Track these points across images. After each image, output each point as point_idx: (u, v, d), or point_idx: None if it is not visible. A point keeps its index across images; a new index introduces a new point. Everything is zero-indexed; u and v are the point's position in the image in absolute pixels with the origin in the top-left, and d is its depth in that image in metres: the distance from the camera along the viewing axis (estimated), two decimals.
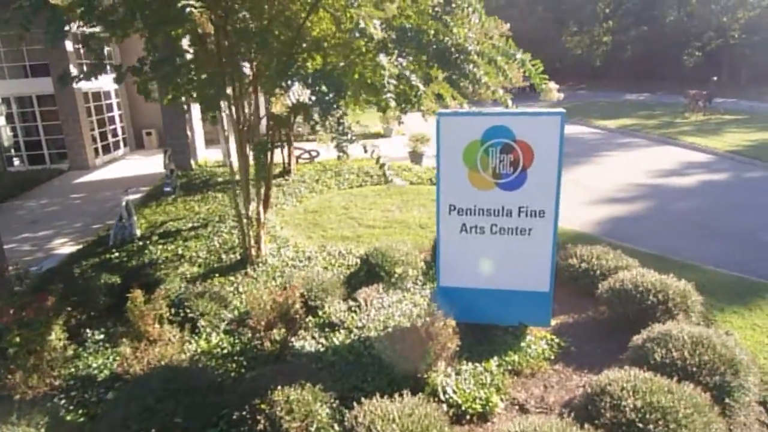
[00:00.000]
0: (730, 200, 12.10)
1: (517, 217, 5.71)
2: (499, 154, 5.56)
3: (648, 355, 5.02)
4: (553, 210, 5.62)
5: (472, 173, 5.69)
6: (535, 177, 5.56)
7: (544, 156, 5.48)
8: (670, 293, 5.97)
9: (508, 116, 5.56)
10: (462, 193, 5.77)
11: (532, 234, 5.73)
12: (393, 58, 5.49)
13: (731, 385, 4.66)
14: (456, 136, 5.63)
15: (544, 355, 5.83)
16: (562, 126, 5.36)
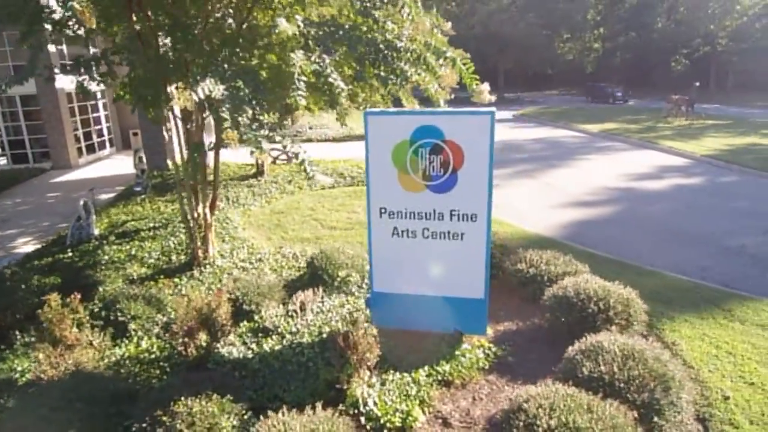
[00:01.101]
0: (702, 204, 11.63)
1: (448, 220, 5.27)
2: (429, 155, 5.13)
3: (576, 369, 4.58)
4: (485, 214, 5.18)
5: (401, 175, 5.25)
6: (467, 179, 5.12)
7: (475, 157, 5.04)
8: (612, 301, 5.51)
9: (436, 115, 5.13)
10: (392, 196, 5.34)
11: (464, 239, 5.29)
12: (315, 55, 5.05)
13: (660, 403, 4.21)
14: (385, 136, 5.20)
15: (478, 365, 5.39)
16: (492, 125, 4.92)
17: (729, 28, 39.31)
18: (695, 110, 24.39)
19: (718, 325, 6.20)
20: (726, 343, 5.83)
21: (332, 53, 5.21)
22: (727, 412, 4.72)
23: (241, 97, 4.60)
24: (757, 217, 10.63)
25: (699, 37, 40.33)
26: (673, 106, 24.28)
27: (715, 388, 5.04)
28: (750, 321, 6.29)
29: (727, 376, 5.23)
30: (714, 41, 40.13)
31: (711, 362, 5.47)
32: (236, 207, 10.94)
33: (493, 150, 5.03)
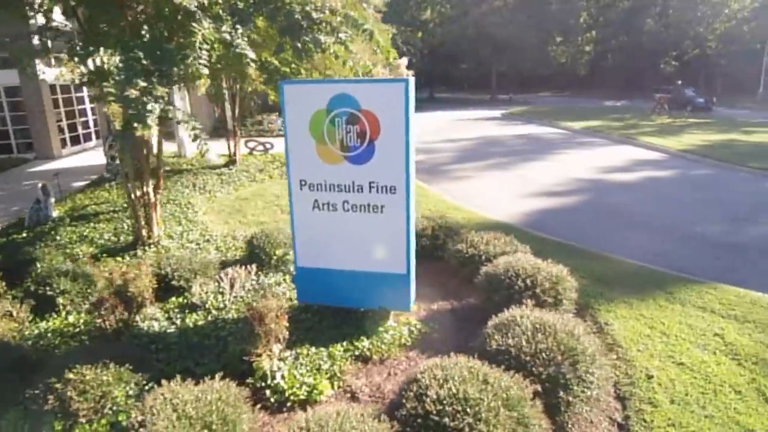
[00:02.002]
0: (668, 195, 11.27)
1: (368, 192, 4.96)
2: (345, 124, 4.82)
3: (486, 343, 4.26)
4: (404, 186, 4.87)
5: (319, 146, 4.95)
6: (384, 150, 4.81)
7: (391, 127, 4.73)
8: (540, 278, 5.18)
9: (351, 84, 4.84)
10: (312, 168, 5.04)
11: (384, 211, 4.98)
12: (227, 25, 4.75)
13: (567, 377, 3.87)
14: (301, 106, 4.90)
15: (401, 341, 5.09)
16: (407, 94, 4.61)
17: (718, 31, 38.75)
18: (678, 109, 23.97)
19: (658, 307, 5.86)
20: (662, 323, 5.50)
21: (248, 23, 4.91)
22: (648, 391, 4.40)
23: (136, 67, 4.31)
24: (722, 206, 10.27)
25: (688, 39, 39.79)
26: (657, 104, 23.85)
27: (641, 367, 4.72)
28: (691, 303, 5.95)
29: (656, 356, 4.91)
30: (703, 44, 39.58)
31: (642, 342, 5.14)
32: (202, 194, 10.67)
33: (410, 119, 4.72)
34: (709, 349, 5.03)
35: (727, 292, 6.21)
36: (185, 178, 11.73)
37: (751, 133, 19.55)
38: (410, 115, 4.72)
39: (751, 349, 4.99)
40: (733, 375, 4.61)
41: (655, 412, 4.14)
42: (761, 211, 9.94)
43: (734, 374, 4.62)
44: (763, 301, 5.97)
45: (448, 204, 10.04)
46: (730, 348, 5.04)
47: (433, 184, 12.14)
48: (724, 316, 5.65)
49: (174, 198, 10.06)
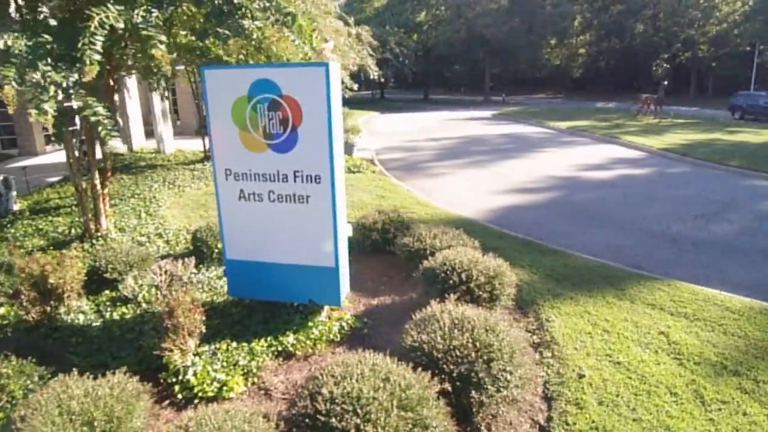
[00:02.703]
0: (640, 192, 10.89)
1: (293, 182, 4.63)
2: (267, 111, 4.49)
3: (403, 339, 3.93)
4: (329, 175, 4.53)
5: (242, 133, 4.62)
6: (307, 137, 4.48)
7: (313, 113, 4.40)
8: (474, 273, 4.83)
9: (272, 68, 4.51)
10: (236, 156, 4.71)
11: (310, 202, 4.65)
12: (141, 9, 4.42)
13: (479, 376, 3.53)
14: (223, 92, 4.58)
15: (329, 337, 4.76)
16: (328, 78, 4.27)
17: (709, 34, 38.20)
18: (664, 109, 23.49)
19: (605, 303, 5.51)
20: (606, 320, 5.15)
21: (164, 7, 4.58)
22: (577, 391, 4.05)
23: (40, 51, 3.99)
24: (694, 203, 9.89)
25: (679, 42, 39.26)
26: (642, 105, 23.41)
27: (574, 366, 4.37)
28: (641, 300, 5.60)
29: (593, 354, 4.56)
30: (695, 47, 39.04)
31: (580, 339, 4.79)
32: (171, 188, 10.34)
33: (332, 106, 4.38)
34: (651, 348, 4.68)
35: (681, 289, 5.86)
36: (158, 173, 11.43)
37: (735, 133, 19.12)
38: (334, 102, 4.40)
39: (696, 349, 4.64)
40: (671, 376, 4.26)
41: (580, 414, 3.80)
42: (730, 208, 9.57)
43: (673, 375, 4.27)
44: (717, 299, 5.61)
45: (415, 200, 9.70)
46: (673, 347, 4.69)
47: (406, 181, 11.79)
48: (673, 314, 5.30)
49: (140, 192, 9.75)
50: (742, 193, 10.79)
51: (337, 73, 4.48)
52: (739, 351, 4.63)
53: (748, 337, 4.85)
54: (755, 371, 4.30)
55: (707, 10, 37.39)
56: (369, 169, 12.39)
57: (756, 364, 4.42)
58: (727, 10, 37.69)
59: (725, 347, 4.68)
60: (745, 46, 36.61)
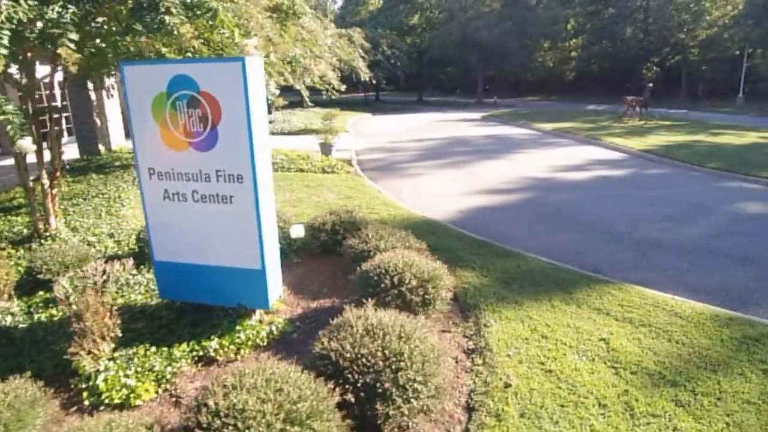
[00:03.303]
0: (614, 193, 10.60)
1: (215, 182, 4.37)
2: (187, 108, 4.23)
3: (315, 346, 3.66)
4: (250, 174, 4.26)
5: (163, 131, 4.36)
6: (227, 136, 4.22)
7: (232, 111, 4.14)
8: (407, 276, 4.56)
9: (189, 64, 4.27)
10: (158, 155, 4.46)
11: (234, 202, 4.39)
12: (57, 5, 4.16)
13: (385, 387, 3.26)
14: (143, 88, 4.32)
15: (255, 342, 4.50)
16: (245, 74, 4.00)
17: (699, 38, 37.82)
18: (649, 111, 23.15)
19: (550, 308, 5.23)
20: (547, 326, 4.87)
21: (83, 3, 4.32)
22: (500, 401, 3.78)
23: None
24: (665, 205, 9.60)
25: (669, 46, 38.87)
26: (628, 107, 23.09)
27: (502, 374, 4.09)
28: (588, 304, 5.32)
29: (525, 362, 4.28)
30: (685, 51, 38.66)
31: (516, 345, 4.51)
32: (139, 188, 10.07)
33: (252, 103, 4.12)
34: (588, 355, 4.41)
35: (632, 293, 5.58)
36: (129, 172, 11.16)
37: (718, 135, 18.80)
38: (255, 98, 4.13)
39: (635, 357, 4.36)
40: (604, 386, 3.98)
41: (498, 426, 3.52)
42: (701, 210, 9.28)
43: (606, 385, 3.99)
44: (668, 304, 5.33)
45: (382, 200, 9.43)
46: (612, 355, 4.41)
47: (379, 181, 11.52)
48: (618, 319, 5.02)
49: (106, 192, 9.49)
50: (715, 195, 10.50)
51: (259, 68, 4.22)
52: (681, 360, 4.35)
53: (693, 345, 4.57)
54: (694, 382, 4.02)
55: (697, 14, 37.01)
56: (343, 169, 12.12)
57: (696, 374, 4.14)
58: (717, 14, 37.32)
59: (666, 355, 4.40)
60: (734, 50, 36.25)
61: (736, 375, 4.13)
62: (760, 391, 3.92)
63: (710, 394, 3.88)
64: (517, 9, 36.53)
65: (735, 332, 4.79)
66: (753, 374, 4.14)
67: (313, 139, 14.61)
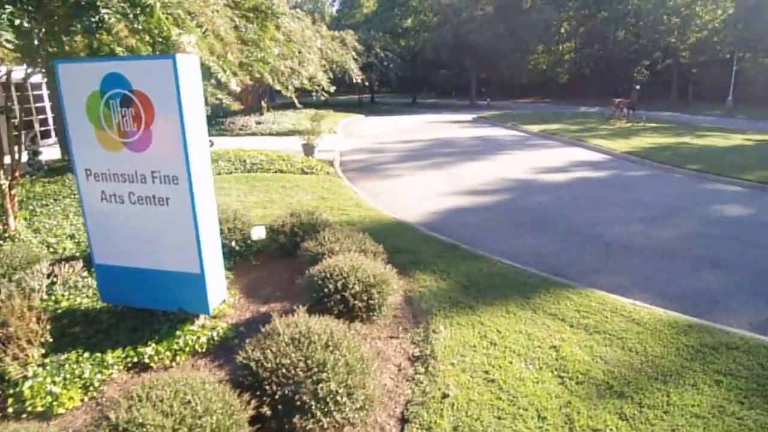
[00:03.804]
0: (591, 195, 10.38)
1: (151, 183, 4.17)
2: (120, 107, 4.03)
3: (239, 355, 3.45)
4: (186, 175, 4.05)
5: (98, 131, 4.16)
6: (161, 135, 4.02)
7: (165, 110, 3.94)
8: (351, 281, 4.35)
9: (121, 62, 4.06)
10: (94, 156, 4.26)
11: (170, 204, 4.18)
12: None
13: (303, 399, 3.05)
14: (77, 87, 4.12)
15: (194, 348, 4.28)
16: (177, 72, 3.79)
17: (690, 41, 37.56)
18: (636, 113, 22.92)
19: (504, 313, 5.01)
20: (498, 332, 4.65)
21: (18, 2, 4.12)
22: (435, 413, 3.56)
23: None
24: (642, 207, 9.38)
25: (659, 50, 38.62)
26: (615, 109, 22.86)
27: (442, 384, 3.87)
28: (544, 310, 5.11)
29: (469, 371, 4.07)
30: (676, 54, 38.40)
31: (461, 353, 4.30)
32: None
33: (185, 101, 3.92)
34: (535, 363, 4.19)
35: (592, 298, 5.36)
36: None
37: (703, 137, 18.56)
38: (189, 97, 3.93)
39: (584, 366, 4.14)
40: (546, 397, 3.76)
41: None
42: (677, 212, 9.06)
43: (549, 395, 3.77)
44: (626, 309, 5.11)
45: (356, 201, 9.21)
46: (560, 363, 4.19)
47: (358, 182, 11.31)
48: (573, 326, 4.80)
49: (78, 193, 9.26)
50: (694, 197, 10.29)
51: (194, 67, 4.01)
52: (632, 369, 4.13)
53: (647, 354, 4.36)
54: (642, 393, 3.80)
55: (687, 18, 36.73)
56: (323, 170, 11.91)
57: (646, 385, 3.92)
58: (707, 18, 37.04)
59: (617, 364, 4.18)
60: (724, 53, 35.98)
61: (687, 386, 3.91)
62: (711, 404, 3.70)
63: (657, 406, 3.67)
64: (509, 13, 36.28)
65: (692, 340, 4.57)
66: (706, 385, 3.92)
67: (298, 140, 14.40)
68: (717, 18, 36.87)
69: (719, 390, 3.87)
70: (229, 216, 6.19)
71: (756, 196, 10.55)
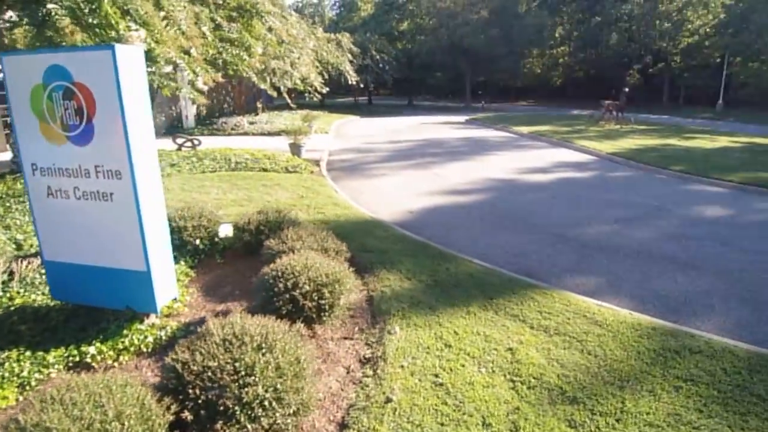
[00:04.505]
0: (572, 195, 10.16)
1: (95, 178, 3.96)
2: (63, 100, 3.83)
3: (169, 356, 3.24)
4: (129, 170, 3.84)
5: (42, 125, 3.96)
6: (103, 129, 3.82)
7: (106, 102, 3.73)
8: (302, 280, 4.13)
9: (63, 53, 3.83)
10: (40, 150, 4.05)
11: (114, 200, 3.97)
12: None
13: (226, 404, 2.83)
14: (21, 80, 3.92)
15: (140, 347, 4.07)
16: (117, 63, 3.58)
17: (681, 46, 37.30)
18: (625, 115, 22.68)
19: (465, 314, 4.80)
20: (455, 333, 4.44)
21: None
22: (375, 419, 3.35)
23: None
24: (622, 207, 9.17)
25: (651, 53, 38.35)
26: (605, 111, 22.63)
27: (388, 387, 3.65)
28: (506, 311, 4.89)
29: (419, 374, 3.85)
30: (668, 58, 38.13)
31: (413, 355, 4.08)
32: None
33: (126, 94, 3.71)
34: (489, 366, 3.97)
35: (557, 299, 5.15)
36: None
37: (689, 139, 18.34)
38: (131, 90, 3.72)
39: (539, 370, 3.92)
40: (495, 402, 3.54)
41: None
42: (657, 213, 8.85)
43: (498, 401, 3.56)
44: (590, 311, 4.90)
45: (334, 200, 8.99)
46: (514, 366, 3.97)
47: (341, 182, 11.10)
48: (534, 327, 4.59)
49: None
50: (676, 197, 10.07)
51: (138, 59, 3.80)
52: (588, 373, 3.91)
53: (606, 357, 4.14)
54: (596, 399, 3.58)
55: (678, 23, 36.46)
56: (307, 169, 11.69)
57: (601, 390, 3.69)
58: (698, 23, 36.78)
59: (573, 368, 3.96)
60: (715, 58, 35.70)
61: (645, 392, 3.69)
62: (667, 411, 3.48)
63: (610, 414, 3.45)
64: (504, 17, 36.03)
65: (655, 343, 4.36)
66: (664, 392, 3.70)
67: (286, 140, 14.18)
68: (708, 23, 36.61)
69: (678, 397, 3.66)
70: (194, 213, 5.98)
71: (737, 197, 10.33)
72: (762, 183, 11.01)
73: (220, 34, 8.48)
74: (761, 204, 9.80)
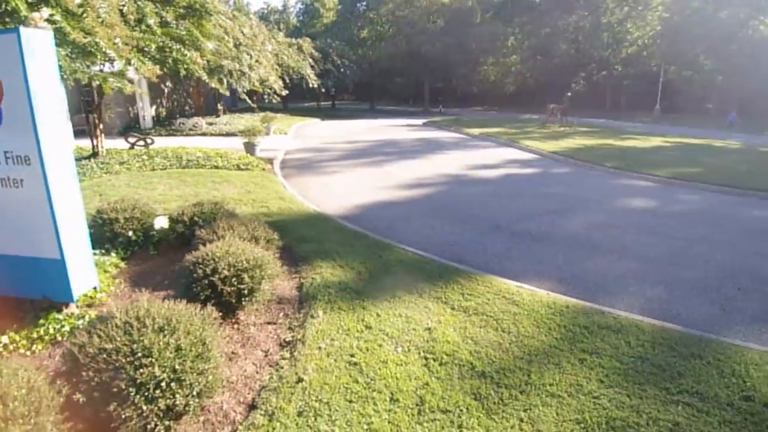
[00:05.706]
0: (513, 189, 10.29)
1: (5, 164, 3.73)
2: None
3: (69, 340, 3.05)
4: (37, 155, 3.62)
5: None
6: (11, 114, 3.60)
7: (13, 87, 3.52)
8: (221, 266, 3.99)
9: None
10: None
11: (24, 185, 3.75)
12: None
13: (121, 386, 2.68)
14: None
15: (56, 336, 3.86)
16: (22, 47, 3.37)
17: (621, 56, 38.62)
18: (567, 118, 23.29)
19: (389, 298, 4.77)
20: (377, 316, 4.39)
21: None
22: (284, 398, 3.25)
23: None
24: (557, 200, 9.34)
25: (594, 62, 39.57)
26: (550, 114, 23.17)
27: (302, 368, 3.56)
28: (431, 294, 4.91)
29: (334, 354, 3.77)
30: (610, 66, 39.41)
31: (332, 337, 4.00)
32: None
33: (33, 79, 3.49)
34: (405, 345, 3.93)
35: (481, 282, 5.17)
36: None
37: (626, 140, 18.97)
38: (39, 75, 3.50)
39: (453, 347, 3.90)
40: (406, 378, 3.50)
41: (268, 425, 2.99)
42: (587, 205, 9.06)
43: (408, 377, 3.51)
44: (510, 292, 4.93)
45: (280, 195, 8.83)
46: (429, 345, 3.94)
47: (291, 179, 10.94)
48: (455, 308, 4.58)
49: None
50: (606, 191, 10.35)
51: (44, 42, 3.59)
52: (500, 349, 3.92)
53: (519, 334, 4.16)
54: (503, 373, 3.59)
55: (619, 35, 37.74)
56: (259, 167, 11.47)
57: (509, 365, 3.70)
58: (637, 34, 38.14)
59: (486, 345, 3.96)
60: (652, 67, 37.08)
61: (551, 365, 3.72)
62: (570, 383, 3.51)
63: (515, 386, 3.45)
64: (459, 26, 36.48)
65: (566, 320, 4.41)
66: (569, 364, 3.74)
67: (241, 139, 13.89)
68: (646, 35, 38.00)
69: (581, 369, 3.70)
70: (127, 206, 5.74)
71: (664, 190, 10.69)
72: (686, 177, 11.44)
73: (168, 31, 8.21)
74: (684, 195, 10.17)
